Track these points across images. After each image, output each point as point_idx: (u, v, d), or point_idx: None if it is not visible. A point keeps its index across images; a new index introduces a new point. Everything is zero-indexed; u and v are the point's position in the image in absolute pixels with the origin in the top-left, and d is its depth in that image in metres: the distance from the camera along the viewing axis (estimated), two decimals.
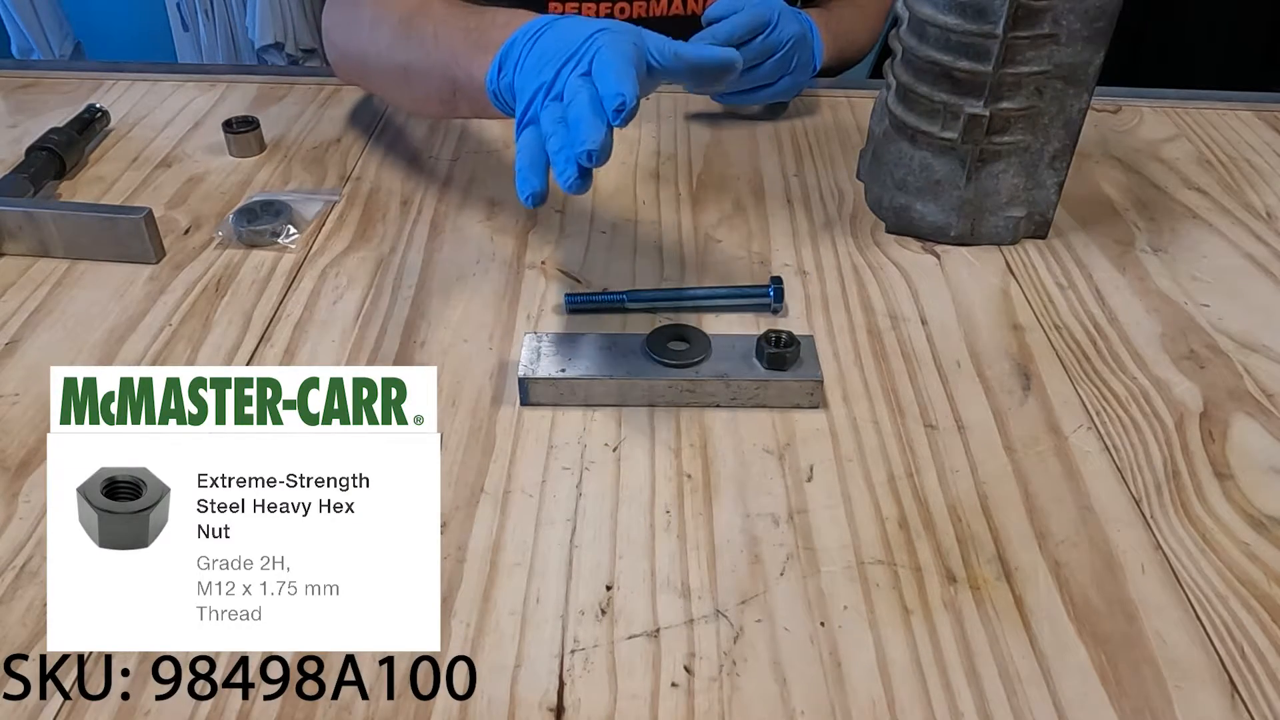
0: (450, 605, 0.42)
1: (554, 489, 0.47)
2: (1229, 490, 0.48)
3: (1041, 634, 0.41)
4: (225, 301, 0.60)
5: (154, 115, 0.82)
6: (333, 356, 0.55)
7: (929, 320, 0.59)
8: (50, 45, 1.93)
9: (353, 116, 0.82)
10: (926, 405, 0.53)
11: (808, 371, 0.52)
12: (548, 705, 0.38)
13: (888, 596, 0.42)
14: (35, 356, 0.55)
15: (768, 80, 0.77)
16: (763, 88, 0.77)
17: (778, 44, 0.74)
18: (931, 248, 0.66)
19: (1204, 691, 0.39)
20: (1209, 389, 0.54)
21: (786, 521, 0.46)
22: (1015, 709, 0.38)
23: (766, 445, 0.50)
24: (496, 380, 0.54)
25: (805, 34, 0.78)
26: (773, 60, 0.75)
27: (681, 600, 0.42)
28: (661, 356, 0.52)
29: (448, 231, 0.67)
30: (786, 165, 0.76)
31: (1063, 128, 0.62)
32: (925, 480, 0.48)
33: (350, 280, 0.62)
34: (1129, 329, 0.59)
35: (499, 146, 0.77)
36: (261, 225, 0.64)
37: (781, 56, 0.75)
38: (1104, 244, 0.67)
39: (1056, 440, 0.51)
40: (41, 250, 0.63)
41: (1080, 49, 0.59)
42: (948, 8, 0.59)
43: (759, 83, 0.77)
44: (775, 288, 0.59)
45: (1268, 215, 0.71)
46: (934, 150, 0.64)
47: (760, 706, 0.38)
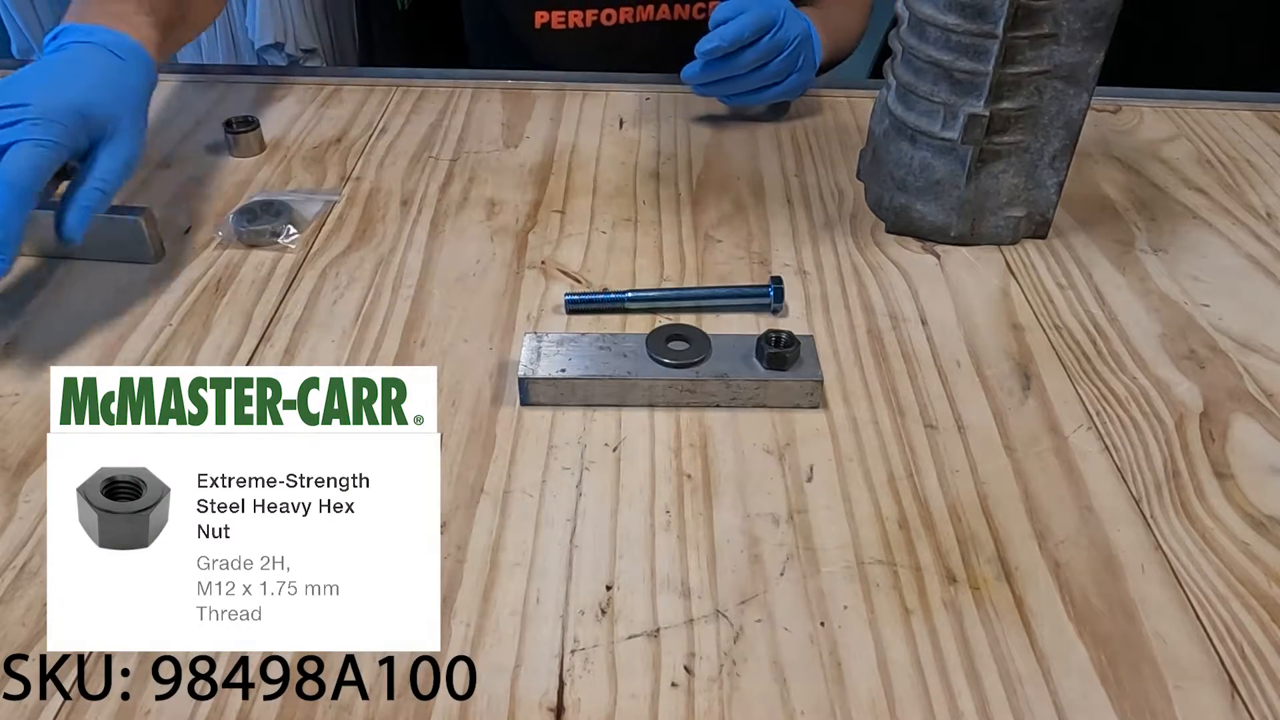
0: (450, 605, 0.42)
1: (554, 489, 0.47)
2: (1229, 490, 0.48)
3: (1041, 634, 0.41)
4: (225, 301, 0.60)
5: (154, 115, 0.81)
6: (333, 356, 0.55)
7: (929, 320, 0.59)
8: None
9: (353, 117, 0.82)
10: (926, 405, 0.53)
11: (808, 371, 0.52)
12: (548, 705, 0.38)
13: (888, 596, 0.42)
14: (35, 356, 0.55)
15: (776, 79, 0.77)
16: (770, 86, 0.77)
17: (785, 42, 0.75)
18: (931, 248, 0.66)
19: (1204, 691, 0.39)
20: (1209, 389, 0.54)
21: (786, 521, 0.46)
22: (1015, 709, 0.38)
23: (766, 445, 0.50)
24: (496, 380, 0.54)
25: (808, 32, 0.78)
26: (780, 58, 0.75)
27: (681, 600, 0.42)
28: (661, 356, 0.52)
29: (448, 231, 0.67)
30: (786, 165, 0.76)
31: (1063, 128, 0.62)
32: (925, 480, 0.48)
33: (350, 280, 0.62)
34: (1129, 329, 0.59)
35: (499, 146, 0.77)
36: (261, 225, 0.64)
37: (789, 54, 0.75)
38: (1104, 244, 0.67)
39: (1056, 440, 0.51)
40: (41, 250, 0.63)
41: (1080, 49, 0.59)
42: (948, 8, 0.59)
43: (767, 81, 0.77)
44: (775, 288, 0.59)
45: (1268, 215, 0.71)
46: (934, 150, 0.64)
47: (760, 706, 0.38)
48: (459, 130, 0.80)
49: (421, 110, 0.83)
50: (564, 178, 0.73)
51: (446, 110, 0.83)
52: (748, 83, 0.76)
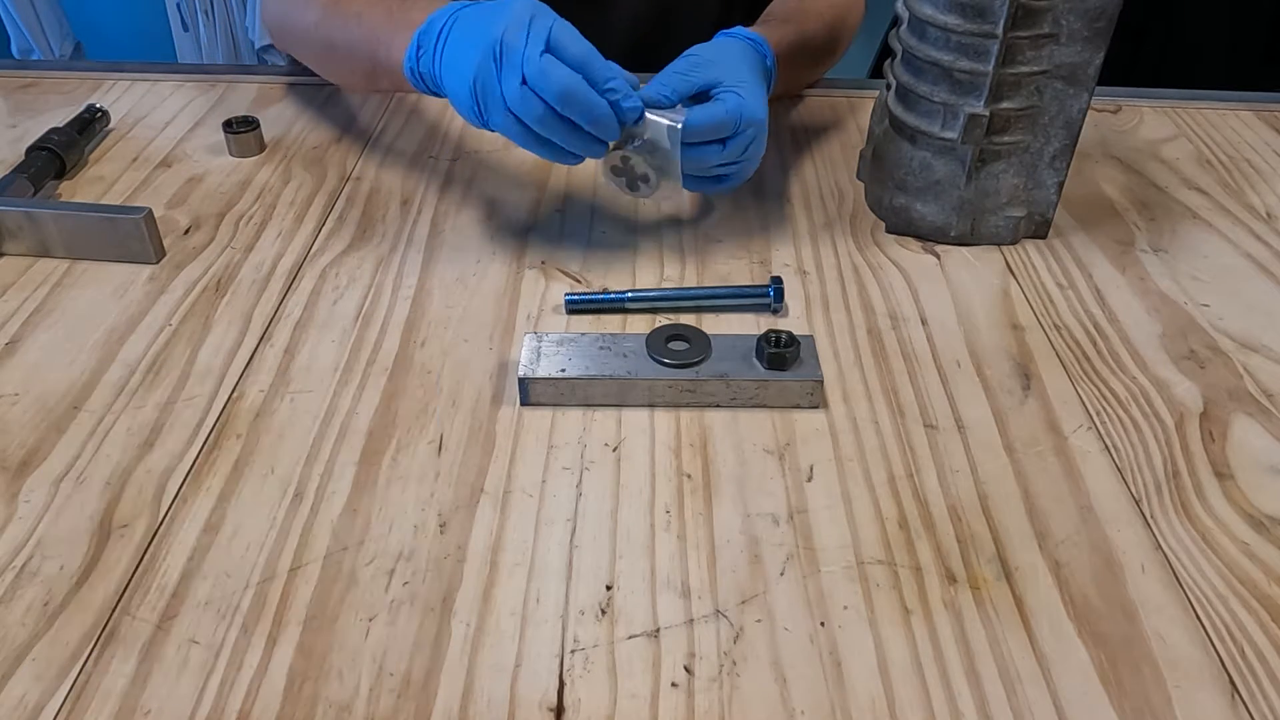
0: (450, 605, 0.42)
1: (554, 489, 0.47)
2: (1229, 490, 0.48)
3: (1041, 634, 0.41)
4: (225, 301, 0.60)
5: (154, 115, 0.82)
6: (333, 356, 0.55)
7: (929, 320, 0.59)
8: (50, 45, 1.93)
9: (353, 116, 0.82)
10: (926, 405, 0.53)
11: (808, 371, 0.52)
12: (548, 705, 0.38)
13: (888, 596, 0.42)
14: (35, 356, 0.55)
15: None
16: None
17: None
18: (931, 248, 0.66)
19: (1204, 691, 0.39)
20: (1209, 389, 0.54)
21: (786, 521, 0.46)
22: (1015, 709, 0.38)
23: (766, 445, 0.50)
24: (496, 380, 0.54)
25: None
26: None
27: (681, 600, 0.42)
28: (661, 356, 0.52)
29: (448, 231, 0.67)
30: (787, 165, 0.76)
31: (1063, 128, 0.62)
32: (925, 480, 0.48)
33: (350, 280, 0.62)
34: (1129, 329, 0.59)
35: (499, 146, 0.77)
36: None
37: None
38: (1104, 244, 0.67)
39: (1056, 440, 0.51)
40: (41, 250, 0.63)
41: (1080, 49, 0.59)
42: (948, 8, 0.59)
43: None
44: (775, 288, 0.59)
45: (1268, 215, 0.71)
46: (934, 150, 0.64)
47: (760, 706, 0.38)
48: (459, 130, 0.80)
49: (421, 110, 0.83)
50: (564, 178, 0.73)
51: (446, 110, 0.82)
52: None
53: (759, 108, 0.61)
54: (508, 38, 0.55)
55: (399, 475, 0.48)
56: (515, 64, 0.54)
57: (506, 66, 0.55)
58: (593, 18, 0.73)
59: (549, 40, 0.55)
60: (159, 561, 0.43)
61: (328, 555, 0.44)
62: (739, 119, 0.60)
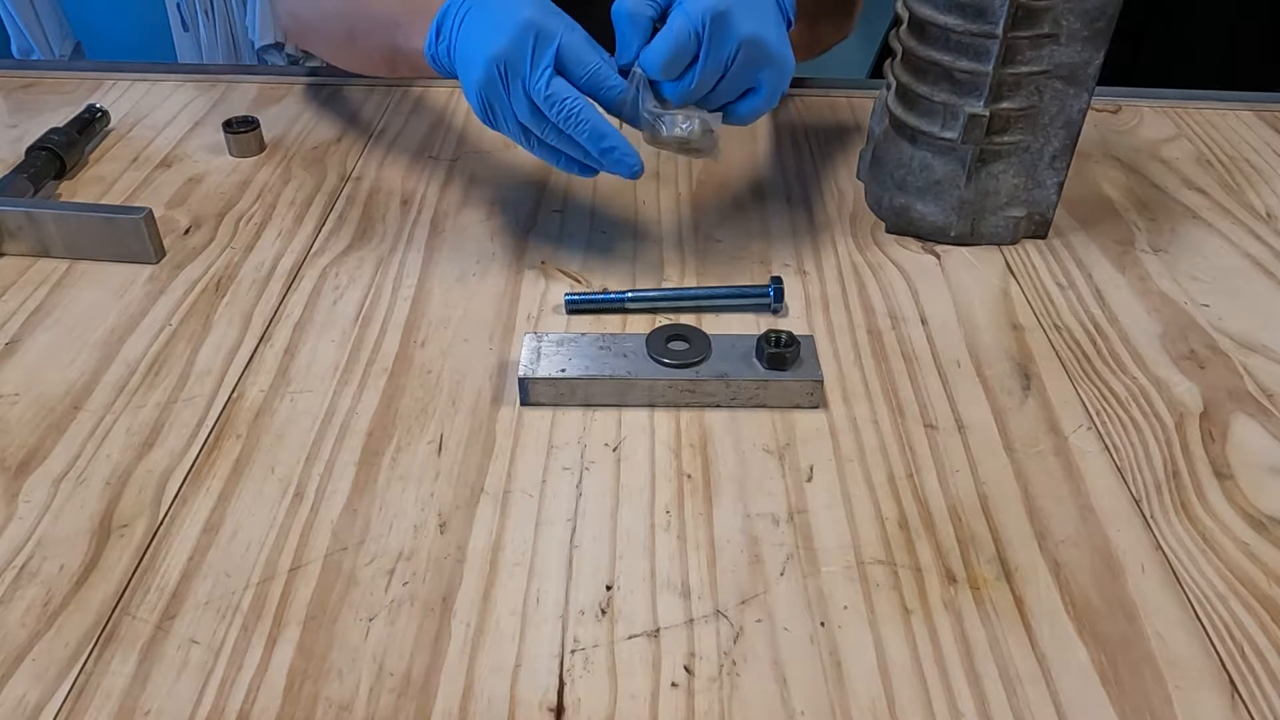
0: (450, 605, 0.42)
1: (554, 489, 0.47)
2: (1229, 490, 0.48)
3: (1041, 634, 0.41)
4: (225, 301, 0.60)
5: (154, 115, 0.82)
6: (333, 356, 0.55)
7: (929, 320, 0.59)
8: (50, 45, 1.93)
9: (353, 116, 0.82)
10: (926, 405, 0.53)
11: (808, 371, 0.52)
12: (548, 705, 0.38)
13: (888, 596, 0.42)
14: (35, 356, 0.55)
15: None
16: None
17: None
18: (931, 248, 0.66)
19: (1204, 691, 0.39)
20: (1209, 389, 0.54)
21: (786, 521, 0.46)
22: (1015, 709, 0.38)
23: (766, 445, 0.50)
24: (496, 380, 0.54)
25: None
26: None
27: (681, 600, 0.42)
28: (661, 356, 0.52)
29: (448, 231, 0.67)
30: (786, 165, 0.76)
31: (1063, 128, 0.62)
32: (925, 480, 0.48)
33: (350, 280, 0.62)
34: (1129, 329, 0.59)
35: (499, 146, 0.77)
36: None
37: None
38: (1104, 244, 0.67)
39: (1056, 440, 0.51)
40: (41, 250, 0.63)
41: (1080, 49, 0.59)
42: (948, 8, 0.59)
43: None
44: (775, 288, 0.59)
45: (1268, 215, 0.71)
46: (934, 150, 0.64)
47: (760, 706, 0.38)
48: (459, 130, 0.80)
49: (421, 110, 0.83)
50: (564, 177, 0.73)
51: (446, 110, 0.83)
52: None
53: (718, 3, 0.51)
54: (512, 56, 0.53)
55: (399, 475, 0.48)
56: (520, 90, 0.54)
57: (514, 91, 0.54)
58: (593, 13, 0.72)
59: (557, 57, 0.54)
60: (159, 561, 0.43)
61: (328, 555, 0.44)
62: (690, 33, 0.52)
